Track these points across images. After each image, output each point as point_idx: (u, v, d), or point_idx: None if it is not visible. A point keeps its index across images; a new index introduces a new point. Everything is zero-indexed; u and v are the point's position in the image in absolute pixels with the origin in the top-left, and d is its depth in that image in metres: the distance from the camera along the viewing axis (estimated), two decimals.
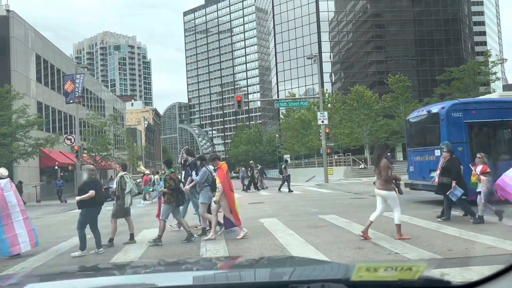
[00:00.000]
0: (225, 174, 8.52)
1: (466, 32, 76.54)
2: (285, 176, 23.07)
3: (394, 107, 47.39)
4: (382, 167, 7.60)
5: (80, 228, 7.95)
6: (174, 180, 8.64)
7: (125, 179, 8.88)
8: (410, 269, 1.40)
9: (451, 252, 6.29)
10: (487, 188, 8.91)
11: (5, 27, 29.49)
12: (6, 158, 23.76)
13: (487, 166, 9.17)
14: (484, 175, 9.03)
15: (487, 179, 8.97)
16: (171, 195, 8.49)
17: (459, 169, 9.52)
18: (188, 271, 2.43)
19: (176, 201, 8.62)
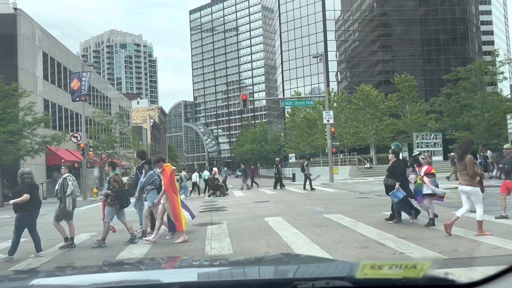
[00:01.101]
0: (169, 176, 8.30)
1: (473, 31, 75.99)
2: (307, 174, 23.09)
3: (400, 107, 47.14)
4: (468, 162, 7.48)
5: (16, 232, 7.70)
6: (118, 182, 8.62)
7: (67, 181, 8.62)
8: (414, 267, 1.40)
9: (456, 252, 6.26)
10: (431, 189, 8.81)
11: (13, 25, 29.68)
12: (13, 156, 23.93)
13: (431, 167, 9.08)
14: (428, 176, 8.92)
15: (430, 180, 8.85)
16: (115, 197, 8.45)
17: (404, 171, 9.47)
18: (193, 267, 2.45)
19: (120, 203, 8.57)
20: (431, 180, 8.86)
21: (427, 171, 8.99)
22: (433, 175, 8.98)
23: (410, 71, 52.36)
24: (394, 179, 9.39)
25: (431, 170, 9.00)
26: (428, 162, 9.20)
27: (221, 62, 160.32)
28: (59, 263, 7.09)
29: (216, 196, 22.07)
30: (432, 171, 9.01)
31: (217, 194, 22.39)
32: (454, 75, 27.11)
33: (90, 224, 12.72)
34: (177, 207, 8.33)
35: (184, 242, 8.12)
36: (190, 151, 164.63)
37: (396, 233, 8.00)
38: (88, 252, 8.11)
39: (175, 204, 8.31)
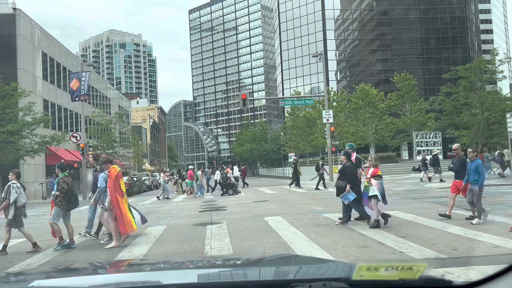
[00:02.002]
0: (114, 179, 8.13)
1: (473, 30, 75.98)
2: (322, 173, 23.13)
3: (400, 106, 47.17)
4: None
5: None
6: (68, 183, 8.57)
7: (11, 188, 8.23)
8: (411, 269, 1.40)
9: (456, 251, 6.27)
10: (379, 190, 8.77)
11: (12, 25, 29.66)
12: (12, 156, 23.94)
13: (378, 169, 9.05)
14: (375, 178, 8.89)
15: (377, 182, 8.83)
16: (63, 199, 8.40)
17: (355, 173, 9.45)
18: (193, 269, 2.45)
19: (68, 205, 8.53)
20: (378, 182, 8.83)
21: (374, 173, 8.95)
22: (380, 177, 8.93)
23: (409, 70, 52.42)
24: (344, 181, 9.39)
25: (378, 172, 8.96)
26: (374, 165, 9.13)
27: (221, 62, 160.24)
28: (57, 264, 7.09)
29: (229, 194, 22.19)
30: (378, 173, 8.96)
31: (230, 192, 22.52)
32: (454, 74, 27.13)
33: None
34: (122, 210, 8.11)
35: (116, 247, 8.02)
36: (190, 150, 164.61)
37: (396, 232, 8.01)
38: (87, 252, 8.11)
39: (120, 207, 8.10)
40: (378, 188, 8.78)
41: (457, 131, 27.88)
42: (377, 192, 8.78)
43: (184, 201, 20.29)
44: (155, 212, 15.16)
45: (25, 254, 8.06)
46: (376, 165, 9.15)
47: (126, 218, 8.11)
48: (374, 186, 8.82)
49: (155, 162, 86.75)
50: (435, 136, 43.20)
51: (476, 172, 8.71)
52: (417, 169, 36.11)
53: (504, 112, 24.58)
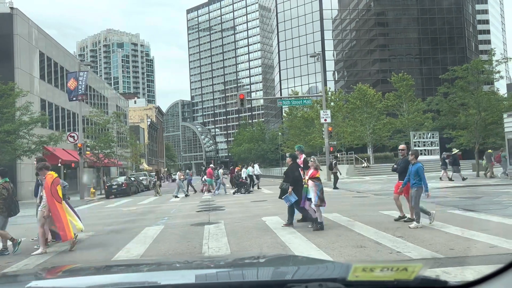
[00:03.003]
0: (50, 186, 7.98)
1: (470, 30, 76.19)
2: (336, 172, 23.19)
3: (397, 106, 47.23)
4: None
5: None
6: (8, 189, 8.43)
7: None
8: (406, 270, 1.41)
9: (452, 251, 6.29)
10: (316, 193, 8.78)
11: (9, 25, 29.57)
12: (9, 155, 23.86)
13: (317, 171, 9.04)
14: (313, 180, 8.89)
15: (314, 184, 8.83)
16: (3, 205, 8.26)
17: (298, 175, 9.43)
18: (190, 269, 2.45)
19: (8, 211, 8.40)
20: (316, 184, 8.83)
21: (312, 175, 8.95)
22: (318, 179, 8.93)
23: (407, 70, 52.50)
24: (288, 183, 9.40)
25: (316, 174, 8.96)
26: (315, 167, 9.11)
27: (219, 61, 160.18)
28: (55, 265, 7.08)
29: (241, 193, 22.30)
30: (317, 175, 8.96)
31: (242, 191, 22.63)
32: (451, 74, 27.12)
33: (87, 224, 12.69)
34: (59, 217, 7.95)
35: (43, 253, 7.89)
36: (188, 150, 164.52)
37: (393, 232, 8.03)
38: (85, 253, 8.10)
39: (58, 214, 7.96)
40: (314, 190, 8.76)
41: (454, 131, 27.89)
42: (312, 194, 8.77)
43: (182, 201, 20.28)
44: (153, 212, 15.16)
45: (23, 254, 8.04)
46: (317, 167, 9.13)
47: (64, 225, 7.95)
48: (311, 188, 8.83)
49: (153, 162, 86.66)
50: (433, 136, 43.28)
51: (417, 175, 8.80)
52: None
53: (501, 112, 24.61)
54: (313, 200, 8.82)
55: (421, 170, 8.83)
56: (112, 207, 19.61)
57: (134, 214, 14.81)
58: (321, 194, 8.84)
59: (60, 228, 7.96)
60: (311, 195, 8.88)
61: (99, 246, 8.64)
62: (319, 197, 8.75)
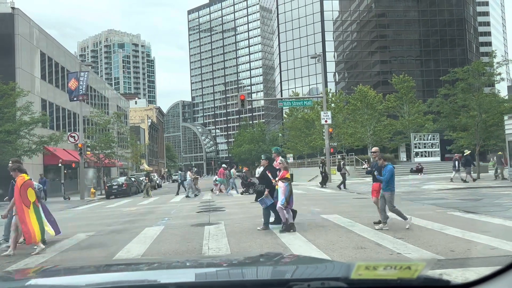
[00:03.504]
0: (19, 188, 7.96)
1: (471, 32, 76.22)
2: (344, 173, 23.21)
3: (398, 107, 47.25)
4: None
5: None
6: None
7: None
8: (409, 268, 1.40)
9: (453, 252, 6.28)
10: (284, 194, 8.75)
11: (10, 25, 29.61)
12: (10, 155, 23.85)
13: (286, 172, 9.00)
14: (283, 181, 8.85)
15: (284, 184, 8.79)
16: None
17: (275, 176, 9.35)
18: (190, 268, 2.45)
19: None
20: (284, 184, 8.78)
21: (282, 176, 8.91)
22: (287, 179, 8.88)
23: (408, 72, 52.53)
24: (263, 185, 9.37)
25: (285, 175, 8.92)
26: (284, 167, 9.09)
27: (219, 62, 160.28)
28: (55, 264, 7.08)
29: (249, 193, 22.37)
30: (286, 176, 8.91)
31: (250, 191, 22.71)
32: (452, 76, 27.13)
33: (87, 224, 12.72)
34: (26, 220, 7.93)
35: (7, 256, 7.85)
36: (188, 151, 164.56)
37: (394, 233, 8.02)
38: (85, 252, 8.10)
39: (24, 217, 7.93)
40: (283, 190, 8.73)
41: (455, 133, 27.90)
42: (280, 194, 8.74)
43: (182, 201, 20.28)
44: (153, 213, 15.15)
45: (23, 254, 8.04)
46: (286, 168, 9.13)
47: (29, 229, 7.94)
48: (280, 189, 8.79)
49: (153, 163, 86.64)
50: (433, 138, 43.31)
51: (391, 178, 8.83)
52: (415, 170, 36.24)
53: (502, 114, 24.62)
54: (280, 201, 8.77)
55: (391, 172, 8.87)
56: (112, 207, 19.60)
57: (134, 215, 14.80)
58: (289, 196, 8.77)
59: (24, 231, 7.99)
60: (279, 196, 8.83)
61: (100, 246, 8.63)
62: (286, 199, 8.69)
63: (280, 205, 8.78)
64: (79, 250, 8.32)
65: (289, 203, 8.82)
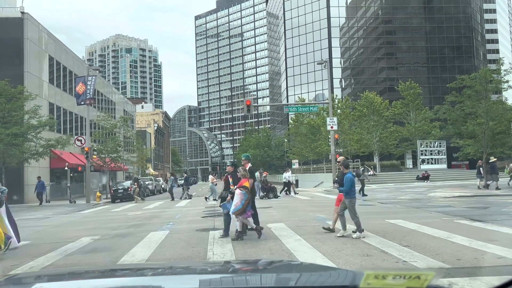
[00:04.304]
0: None
1: (478, 39, 75.96)
2: (363, 179, 23.22)
3: (405, 114, 47.10)
4: None
5: None
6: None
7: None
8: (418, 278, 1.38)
9: (460, 261, 6.21)
10: (240, 202, 8.65)
11: (20, 29, 29.92)
12: (17, 158, 24.03)
13: (246, 180, 8.91)
14: (240, 189, 8.76)
15: (240, 192, 8.70)
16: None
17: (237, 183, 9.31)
18: (195, 274, 2.43)
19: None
20: (242, 193, 8.69)
21: (240, 184, 8.85)
22: (246, 188, 8.77)
23: (414, 79, 52.41)
24: (227, 191, 9.34)
25: (243, 183, 8.84)
26: (243, 175, 9.01)
27: (226, 68, 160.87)
28: (59, 267, 7.09)
29: (269, 198, 22.37)
30: (243, 184, 8.82)
31: (270, 196, 22.72)
32: (459, 83, 27.01)
33: (93, 228, 12.74)
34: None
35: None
36: (194, 155, 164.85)
37: (399, 241, 7.96)
38: (90, 256, 8.10)
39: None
40: (240, 198, 8.64)
41: (462, 141, 27.74)
42: (235, 202, 8.67)
43: (187, 206, 20.28)
44: (158, 217, 15.15)
45: (28, 257, 8.06)
46: (244, 175, 9.01)
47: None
48: (236, 196, 8.74)
49: (159, 167, 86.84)
50: (440, 145, 43.08)
51: (350, 185, 8.81)
52: (421, 178, 36.04)
53: (510, 122, 24.46)
54: (232, 208, 8.70)
55: (351, 180, 8.85)
56: (117, 211, 19.63)
57: (140, 219, 14.81)
58: (245, 204, 8.68)
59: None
60: (233, 203, 8.75)
61: (105, 250, 8.63)
62: (242, 207, 8.61)
63: (231, 213, 8.76)
64: (84, 254, 8.33)
65: (245, 212, 8.72)
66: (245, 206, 8.66)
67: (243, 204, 8.63)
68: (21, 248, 9.15)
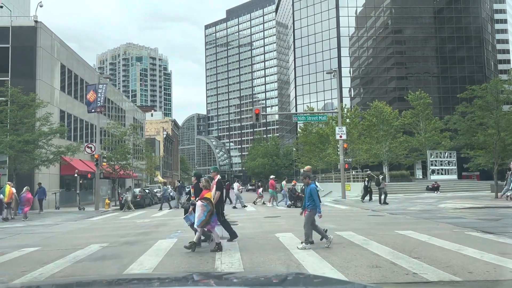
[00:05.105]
0: None
1: (489, 49, 75.50)
2: (382, 187, 23.13)
3: (414, 124, 46.81)
4: None
5: None
6: None
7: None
8: None
9: (471, 274, 6.12)
10: (202, 213, 8.55)
11: (33, 37, 30.39)
12: (28, 165, 24.26)
13: (207, 191, 8.83)
14: (202, 201, 8.65)
15: (202, 204, 8.61)
16: None
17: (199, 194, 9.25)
18: (202, 286, 2.43)
19: None
20: (204, 205, 8.62)
21: (201, 196, 8.78)
22: (207, 199, 8.70)
23: (424, 89, 52.19)
24: (189, 202, 9.37)
25: (204, 195, 8.77)
26: (204, 186, 8.94)
27: (235, 76, 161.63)
28: (69, 275, 7.11)
29: (296, 207, 22.40)
30: (206, 195, 8.75)
31: (298, 205, 22.71)
32: (469, 93, 26.83)
33: (101, 235, 12.78)
34: None
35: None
36: (202, 163, 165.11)
37: (409, 253, 7.87)
38: (98, 263, 8.12)
39: None
40: (202, 210, 8.58)
41: (472, 151, 27.46)
42: (197, 214, 8.61)
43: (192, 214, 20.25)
44: (166, 225, 15.16)
45: (38, 263, 8.10)
46: (205, 187, 8.94)
47: None
48: (198, 208, 8.68)
49: (168, 175, 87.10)
50: (450, 155, 42.68)
51: (310, 197, 8.78)
52: (431, 188, 35.66)
53: None
54: (196, 221, 8.66)
55: (314, 192, 8.84)
56: (126, 218, 19.69)
57: (148, 226, 14.84)
58: (208, 216, 8.61)
59: None
60: (196, 215, 8.71)
61: (113, 257, 8.65)
62: (205, 218, 8.55)
63: (195, 226, 8.74)
64: (93, 261, 8.35)
65: (209, 223, 8.68)
66: (208, 218, 8.61)
67: (206, 215, 8.59)
68: (31, 253, 9.20)
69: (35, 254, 9.31)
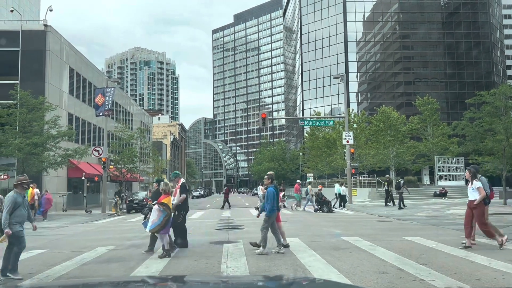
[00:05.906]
0: None
1: (497, 55, 75.02)
2: (402, 192, 23.11)
3: (422, 129, 46.53)
4: None
5: None
6: None
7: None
8: None
9: (479, 281, 6.06)
10: (158, 218, 8.43)
11: (42, 41, 30.70)
12: (36, 167, 24.44)
13: (165, 196, 8.67)
14: (158, 205, 8.51)
15: (158, 209, 8.48)
16: None
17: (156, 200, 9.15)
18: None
19: None
20: (161, 210, 8.51)
21: (159, 200, 8.65)
22: (163, 204, 8.55)
23: (432, 94, 51.90)
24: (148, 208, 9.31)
25: (162, 200, 8.64)
26: (163, 190, 8.79)
27: (242, 81, 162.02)
28: (75, 277, 7.15)
29: (323, 211, 22.22)
30: (162, 201, 8.60)
31: (324, 210, 22.54)
32: (478, 99, 26.66)
33: (108, 238, 12.83)
34: None
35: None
36: (208, 167, 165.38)
37: (416, 259, 7.81)
38: (104, 266, 8.15)
39: None
40: (157, 215, 8.47)
41: (481, 157, 27.25)
42: (152, 219, 8.51)
43: (201, 218, 20.28)
44: None
45: (44, 265, 8.15)
46: (165, 191, 8.79)
47: None
48: (154, 212, 8.57)
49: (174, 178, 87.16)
50: (458, 161, 42.35)
51: (267, 200, 8.82)
52: (439, 194, 35.39)
53: None
54: (149, 225, 8.54)
55: (271, 194, 8.83)
56: (133, 221, 19.75)
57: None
58: (164, 222, 8.47)
59: None
60: (150, 220, 8.60)
61: (119, 260, 8.68)
62: (160, 223, 8.43)
63: (147, 230, 8.67)
64: (99, 263, 8.38)
65: (164, 228, 8.58)
66: (163, 223, 8.49)
67: (161, 220, 8.47)
68: (38, 255, 9.26)
69: (42, 256, 9.37)
